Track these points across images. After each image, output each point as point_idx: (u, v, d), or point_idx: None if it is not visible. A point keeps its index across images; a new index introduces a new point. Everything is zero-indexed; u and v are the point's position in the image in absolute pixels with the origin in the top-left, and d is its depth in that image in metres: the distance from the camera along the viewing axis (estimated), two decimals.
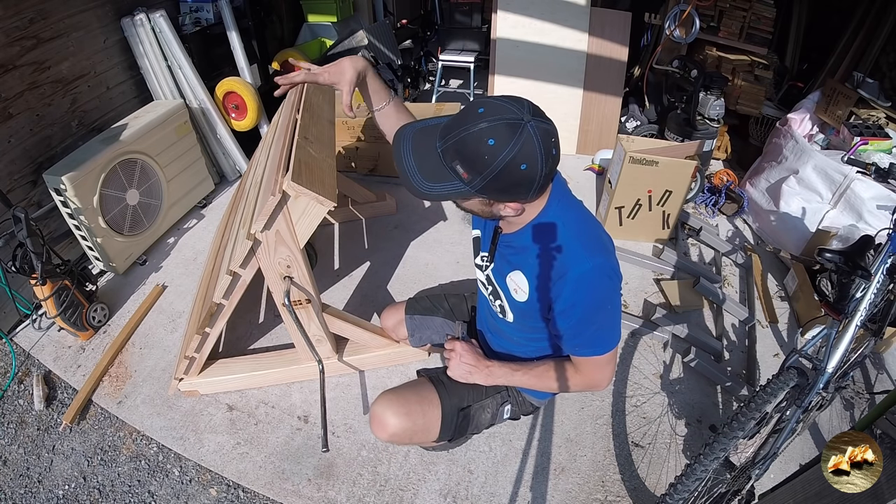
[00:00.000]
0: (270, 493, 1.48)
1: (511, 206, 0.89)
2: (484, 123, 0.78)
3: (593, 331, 0.98)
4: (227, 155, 2.85)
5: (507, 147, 0.77)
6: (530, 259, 0.99)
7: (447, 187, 0.84)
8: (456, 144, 0.81)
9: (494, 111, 0.79)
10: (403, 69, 3.66)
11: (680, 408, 1.73)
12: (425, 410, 1.17)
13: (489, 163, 0.78)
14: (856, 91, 2.52)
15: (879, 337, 1.65)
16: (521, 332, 1.16)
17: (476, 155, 0.79)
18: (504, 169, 0.78)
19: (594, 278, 0.93)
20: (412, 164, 0.86)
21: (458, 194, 0.85)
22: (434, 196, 0.86)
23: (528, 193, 0.85)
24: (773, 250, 2.48)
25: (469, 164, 0.80)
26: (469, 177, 0.81)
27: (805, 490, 1.07)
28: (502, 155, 0.77)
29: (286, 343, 1.90)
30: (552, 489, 1.49)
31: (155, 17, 2.37)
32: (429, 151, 0.85)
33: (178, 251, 2.44)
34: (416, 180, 0.85)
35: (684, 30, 3.05)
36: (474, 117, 0.79)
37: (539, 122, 0.79)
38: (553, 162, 0.83)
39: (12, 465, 1.59)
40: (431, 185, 0.84)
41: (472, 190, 0.83)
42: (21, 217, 1.65)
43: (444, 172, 0.84)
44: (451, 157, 0.82)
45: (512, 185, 0.82)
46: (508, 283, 1.06)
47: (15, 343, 1.96)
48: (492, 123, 0.78)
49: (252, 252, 1.33)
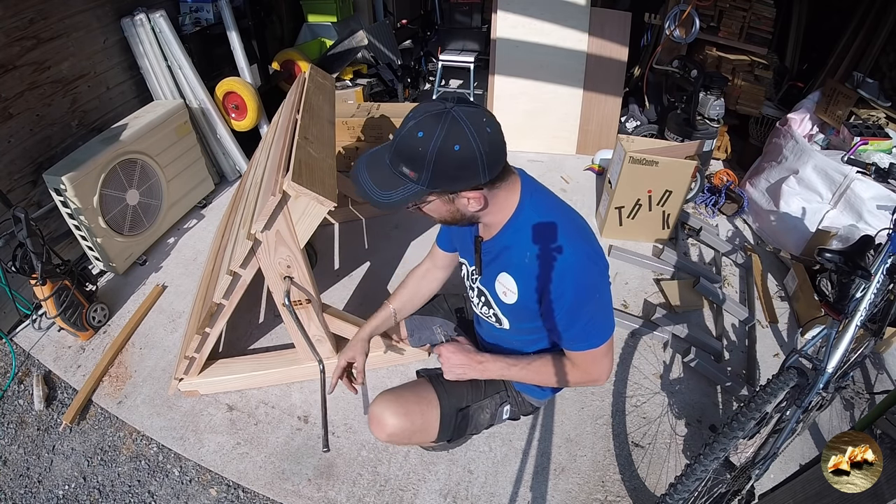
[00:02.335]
0: (270, 493, 1.48)
1: (470, 195, 0.89)
2: (412, 122, 0.84)
3: (585, 321, 0.98)
4: (227, 155, 2.85)
5: (434, 133, 0.81)
6: (513, 258, 1.00)
7: (402, 192, 0.87)
8: (396, 148, 0.86)
9: (421, 110, 0.85)
10: (403, 69, 3.66)
11: (680, 408, 1.73)
12: (424, 411, 1.17)
13: (424, 153, 0.82)
14: (856, 91, 2.52)
15: (879, 337, 1.65)
16: (518, 336, 1.16)
17: (412, 150, 0.83)
18: (440, 154, 0.82)
19: (578, 265, 0.94)
20: (366, 179, 0.90)
21: (414, 195, 0.87)
22: (393, 202, 0.88)
23: (479, 175, 0.86)
24: (773, 250, 2.48)
25: (411, 162, 0.84)
26: (415, 174, 0.85)
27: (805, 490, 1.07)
28: (433, 141, 0.81)
29: (286, 343, 1.90)
30: (552, 489, 1.49)
31: (155, 17, 2.37)
32: (380, 165, 0.90)
33: (178, 251, 2.44)
34: (373, 192, 0.89)
35: (684, 30, 3.05)
36: (406, 121, 0.86)
37: (464, 106, 0.84)
38: (491, 140, 0.84)
39: (12, 465, 1.59)
40: (388, 194, 0.88)
41: (423, 187, 0.86)
42: (21, 217, 1.65)
43: (396, 179, 0.88)
44: (396, 162, 0.87)
45: (456, 168, 0.84)
46: (497, 287, 1.07)
47: (15, 343, 1.96)
48: (418, 119, 0.84)
49: (252, 252, 1.33)
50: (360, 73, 3.67)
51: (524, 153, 3.24)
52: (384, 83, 3.68)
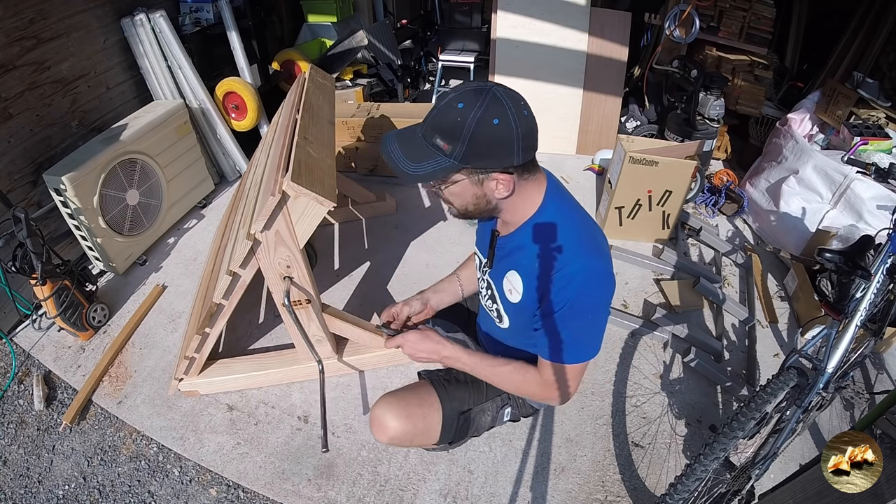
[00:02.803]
0: (270, 493, 1.48)
1: (500, 178, 0.88)
2: (452, 94, 0.84)
3: (569, 334, 0.95)
4: (227, 155, 2.85)
5: (475, 106, 0.81)
6: (525, 258, 0.99)
7: (431, 164, 0.86)
8: (432, 121, 0.85)
9: (461, 87, 0.86)
10: (403, 69, 3.66)
11: (680, 408, 1.73)
12: (426, 413, 1.17)
13: (462, 124, 0.81)
14: (856, 91, 2.52)
15: (879, 337, 1.65)
16: (515, 338, 1.15)
17: (450, 121, 0.82)
18: (477, 127, 0.81)
19: (584, 280, 0.92)
20: (396, 150, 0.89)
21: (444, 169, 0.86)
22: (422, 175, 0.86)
23: (513, 156, 0.85)
24: (773, 250, 2.48)
25: (446, 134, 0.83)
26: (449, 147, 0.83)
27: (805, 490, 1.07)
28: (472, 113, 0.81)
29: (286, 343, 1.90)
30: (552, 489, 1.49)
31: (155, 17, 2.37)
32: (412, 138, 0.89)
33: (178, 251, 2.44)
34: (401, 163, 0.87)
35: (684, 30, 3.05)
36: (444, 96, 0.85)
37: (504, 88, 0.84)
38: (528, 123, 0.84)
39: (12, 465, 1.59)
40: (418, 166, 0.86)
41: (455, 162, 0.84)
42: (21, 217, 1.65)
43: (428, 151, 0.86)
44: (431, 134, 0.85)
45: (491, 144, 0.83)
46: (504, 283, 1.06)
47: (15, 343, 1.96)
48: (459, 93, 0.84)
49: (252, 252, 1.33)
50: (360, 73, 3.67)
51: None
52: (384, 83, 3.68)
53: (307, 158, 1.33)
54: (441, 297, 1.30)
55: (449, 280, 1.35)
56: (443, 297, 1.31)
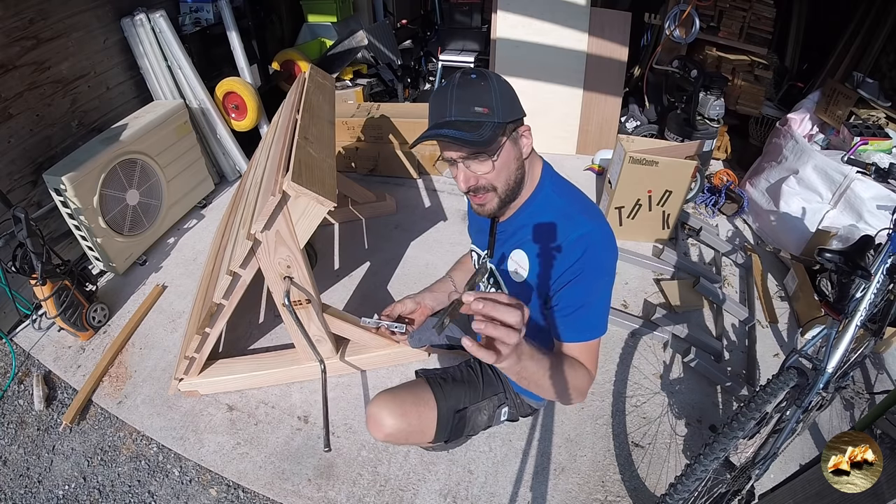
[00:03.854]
0: (270, 493, 1.48)
1: (524, 130, 0.95)
2: (458, 76, 0.90)
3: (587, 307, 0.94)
4: (227, 155, 2.85)
5: (484, 73, 0.90)
6: (530, 234, 1.00)
7: (486, 129, 0.87)
8: (459, 102, 0.88)
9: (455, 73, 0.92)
10: (403, 69, 3.66)
11: (680, 408, 1.73)
12: (421, 412, 1.17)
13: (487, 88, 0.88)
14: (856, 91, 2.52)
15: (879, 337, 1.65)
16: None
17: (477, 91, 0.88)
18: (499, 85, 0.89)
19: (597, 241, 0.94)
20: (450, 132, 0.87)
21: (497, 128, 0.88)
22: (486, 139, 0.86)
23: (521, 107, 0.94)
24: (773, 250, 2.48)
25: (482, 101, 0.88)
26: (489, 109, 0.88)
27: (805, 490, 1.06)
28: (487, 77, 0.89)
29: (286, 343, 1.90)
30: (552, 489, 1.49)
31: (155, 17, 2.37)
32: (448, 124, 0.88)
33: (178, 251, 2.44)
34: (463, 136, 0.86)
35: (684, 30, 3.05)
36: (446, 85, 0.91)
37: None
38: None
39: (12, 465, 1.59)
40: (479, 133, 0.87)
41: (501, 121, 0.88)
42: (21, 217, 1.65)
43: (474, 122, 0.88)
44: (466, 110, 0.87)
45: (512, 97, 0.91)
46: (509, 264, 1.06)
47: (15, 343, 1.96)
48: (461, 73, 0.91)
49: (252, 252, 1.33)
50: (360, 73, 3.67)
51: None
52: (384, 83, 3.68)
53: (307, 158, 1.33)
54: (437, 297, 1.30)
55: (443, 281, 1.35)
56: (438, 297, 1.31)
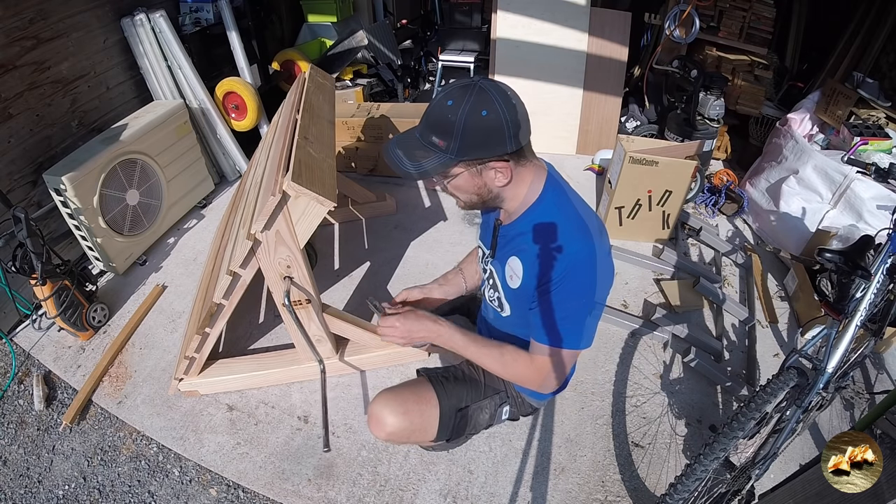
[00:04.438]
0: (270, 493, 1.48)
1: (498, 166, 0.92)
2: (441, 94, 0.90)
3: (563, 315, 0.96)
4: (227, 155, 2.85)
5: (463, 101, 0.86)
6: (526, 243, 1.01)
7: (431, 161, 0.91)
8: (426, 120, 0.92)
9: (451, 84, 0.92)
10: (403, 69, 3.66)
11: (680, 408, 1.73)
12: (423, 410, 1.17)
13: (453, 120, 0.87)
14: (856, 91, 2.52)
15: (879, 337, 1.65)
16: (516, 328, 1.16)
17: (442, 118, 0.88)
18: (468, 120, 0.86)
19: (583, 259, 0.95)
20: (398, 154, 0.95)
21: (443, 164, 0.91)
22: (423, 171, 0.92)
23: (506, 143, 0.89)
24: (773, 250, 2.48)
25: (441, 130, 0.89)
26: (445, 143, 0.89)
27: (805, 490, 1.06)
28: (461, 108, 0.86)
29: (286, 343, 1.90)
30: (552, 489, 1.49)
31: (155, 17, 2.37)
32: (411, 140, 0.95)
33: (178, 251, 2.44)
34: (404, 165, 0.94)
35: (684, 30, 3.05)
36: (435, 97, 0.92)
37: (490, 80, 0.90)
38: (517, 110, 0.88)
39: (12, 465, 1.59)
40: (418, 164, 0.92)
41: (452, 156, 0.90)
42: (21, 217, 1.65)
43: (426, 150, 0.92)
44: (427, 134, 0.91)
45: (483, 135, 0.87)
46: (506, 270, 1.08)
47: (15, 343, 1.96)
48: (447, 91, 0.89)
49: (252, 252, 1.33)
50: (360, 73, 3.67)
51: None
52: (384, 83, 3.68)
53: (307, 158, 1.33)
54: (446, 290, 1.33)
55: (454, 273, 1.37)
56: (448, 290, 1.34)
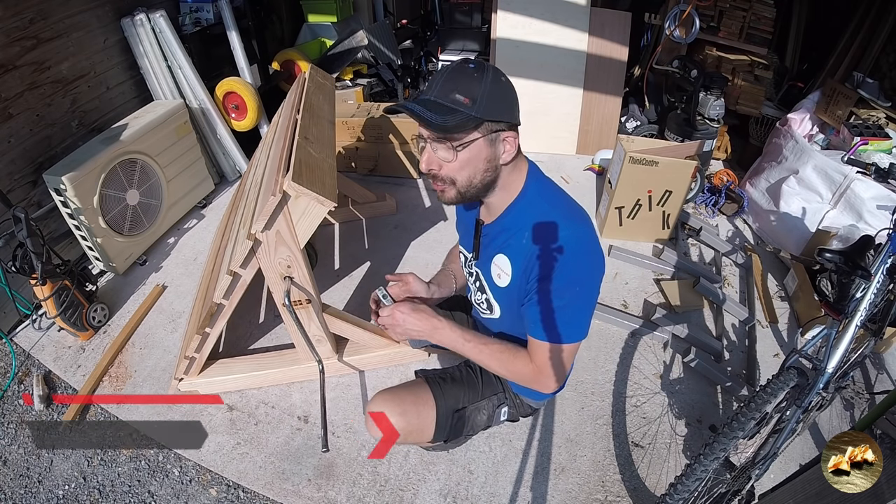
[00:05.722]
0: (270, 493, 1.48)
1: (508, 137, 0.93)
2: (456, 62, 0.91)
3: (558, 308, 0.94)
4: (227, 155, 2.85)
5: (484, 67, 0.90)
6: (513, 238, 1.00)
7: (457, 116, 0.88)
8: (446, 81, 0.90)
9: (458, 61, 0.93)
10: (403, 69, 3.66)
11: (680, 408, 1.73)
12: (420, 411, 1.17)
13: (479, 80, 0.88)
14: (856, 91, 2.52)
15: (879, 337, 1.65)
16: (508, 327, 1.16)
17: (467, 78, 0.88)
18: (493, 83, 0.88)
19: (577, 249, 0.93)
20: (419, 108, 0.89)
21: (469, 120, 0.88)
22: (450, 126, 0.87)
23: (515, 114, 0.93)
24: (773, 250, 2.48)
25: (465, 90, 0.88)
26: (470, 100, 0.88)
27: (805, 490, 1.07)
28: (485, 70, 0.89)
29: (286, 343, 1.90)
30: (552, 489, 1.49)
31: (155, 17, 2.37)
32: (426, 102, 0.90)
33: (178, 251, 2.44)
34: (428, 115, 0.88)
35: (684, 30, 3.05)
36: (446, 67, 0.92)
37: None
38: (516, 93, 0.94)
39: (12, 465, 1.59)
40: (444, 118, 0.87)
41: (477, 115, 0.88)
42: (21, 217, 1.65)
43: (448, 108, 0.88)
44: (448, 92, 0.89)
45: (503, 99, 0.90)
46: (493, 269, 1.07)
47: (15, 343, 1.96)
48: (463, 60, 0.92)
49: (252, 252, 1.33)
50: (360, 73, 3.67)
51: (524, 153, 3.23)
52: (384, 83, 3.68)
53: (308, 158, 1.33)
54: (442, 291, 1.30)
55: (445, 275, 1.34)
56: (442, 291, 1.30)
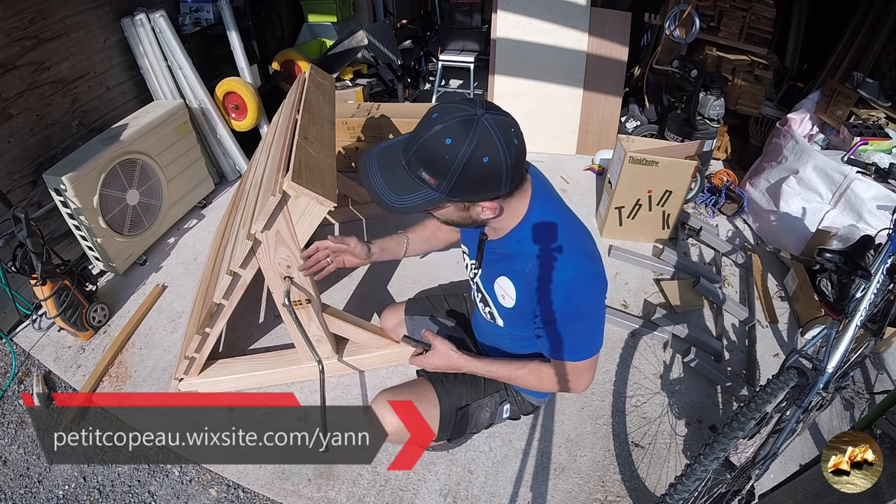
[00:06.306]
0: (270, 493, 1.48)
1: (487, 205, 0.87)
2: (438, 126, 0.79)
3: (573, 337, 0.97)
4: (227, 155, 2.85)
5: (464, 143, 0.78)
6: (516, 265, 0.99)
7: (418, 197, 0.84)
8: (417, 152, 0.82)
9: (447, 113, 0.80)
10: (403, 69, 3.66)
11: (680, 408, 1.73)
12: (424, 410, 1.17)
13: (450, 162, 0.79)
14: (856, 91, 2.52)
15: (879, 337, 1.65)
16: (511, 340, 1.16)
17: (437, 157, 0.80)
18: (467, 165, 0.79)
19: (580, 286, 0.93)
20: (380, 182, 0.86)
21: (430, 202, 0.84)
22: (407, 208, 0.84)
23: (500, 188, 0.84)
24: (773, 250, 2.48)
25: (433, 169, 0.81)
26: (436, 181, 0.81)
27: (805, 490, 1.07)
28: (461, 151, 0.78)
29: (286, 343, 1.90)
30: (552, 489, 1.49)
31: (155, 17, 2.37)
32: (394, 166, 0.85)
33: (178, 251, 2.43)
34: (386, 195, 0.85)
35: (684, 30, 3.05)
36: (429, 123, 0.81)
37: (494, 114, 0.80)
38: (517, 152, 0.82)
39: (12, 465, 1.59)
40: (402, 198, 0.84)
41: (442, 195, 0.83)
42: (21, 217, 1.65)
43: (413, 183, 0.84)
44: (416, 166, 0.83)
45: (479, 181, 0.82)
46: (496, 289, 1.06)
47: (15, 343, 1.96)
48: (446, 124, 0.79)
49: (252, 252, 1.33)
50: (360, 73, 3.67)
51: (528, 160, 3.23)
52: (384, 83, 3.68)
53: (307, 158, 1.33)
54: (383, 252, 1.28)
55: (394, 239, 1.31)
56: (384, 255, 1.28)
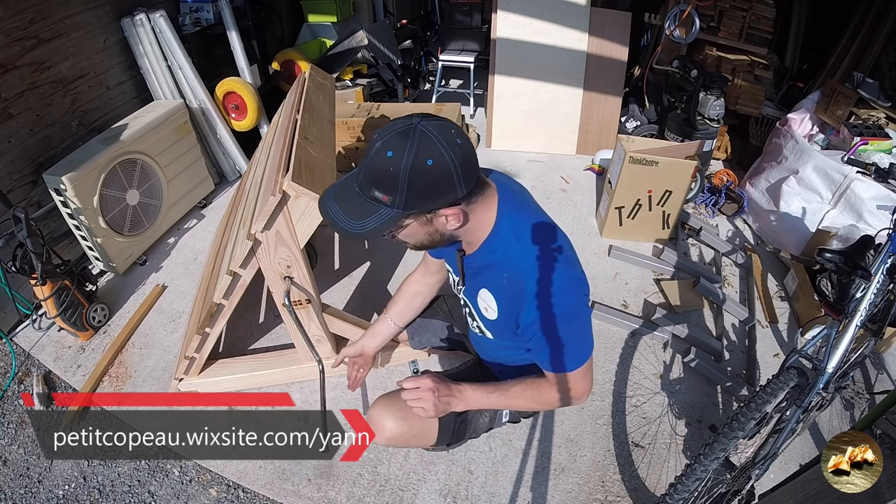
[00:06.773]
0: (270, 493, 1.49)
1: (448, 213, 0.86)
2: (379, 143, 0.80)
3: (559, 346, 0.95)
4: (227, 155, 2.85)
5: (405, 151, 0.78)
6: (492, 276, 0.98)
7: (376, 218, 0.83)
8: (365, 174, 0.82)
9: (385, 130, 0.81)
10: (403, 69, 3.66)
11: (680, 408, 1.73)
12: None
13: (396, 173, 0.78)
14: (856, 91, 2.52)
15: (879, 337, 1.65)
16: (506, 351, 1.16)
17: (383, 172, 0.80)
18: (412, 172, 0.78)
19: (557, 291, 0.92)
20: (337, 211, 0.86)
21: (390, 221, 0.84)
22: (368, 231, 0.84)
23: (455, 190, 0.83)
24: (773, 250, 2.48)
25: (383, 185, 0.81)
26: (389, 197, 0.81)
27: (805, 490, 1.07)
28: (404, 160, 0.78)
29: (286, 343, 1.90)
30: (552, 489, 1.49)
31: (155, 17, 2.37)
32: (350, 194, 0.86)
33: (178, 251, 2.43)
34: (345, 223, 0.85)
35: (684, 30, 3.05)
36: (372, 143, 0.81)
37: (431, 120, 0.81)
38: (463, 151, 0.81)
39: (12, 465, 1.59)
40: (362, 223, 0.84)
41: (399, 210, 0.82)
42: (21, 217, 1.65)
43: (369, 206, 0.83)
44: (367, 188, 0.82)
45: (429, 185, 0.81)
46: (479, 302, 1.06)
47: (15, 343, 1.96)
48: (385, 139, 0.80)
49: (252, 252, 1.33)
50: (360, 73, 3.67)
51: (524, 153, 3.23)
52: (384, 83, 3.68)
53: (307, 158, 1.33)
54: (377, 341, 1.37)
55: (381, 321, 1.39)
56: (378, 341, 1.38)
